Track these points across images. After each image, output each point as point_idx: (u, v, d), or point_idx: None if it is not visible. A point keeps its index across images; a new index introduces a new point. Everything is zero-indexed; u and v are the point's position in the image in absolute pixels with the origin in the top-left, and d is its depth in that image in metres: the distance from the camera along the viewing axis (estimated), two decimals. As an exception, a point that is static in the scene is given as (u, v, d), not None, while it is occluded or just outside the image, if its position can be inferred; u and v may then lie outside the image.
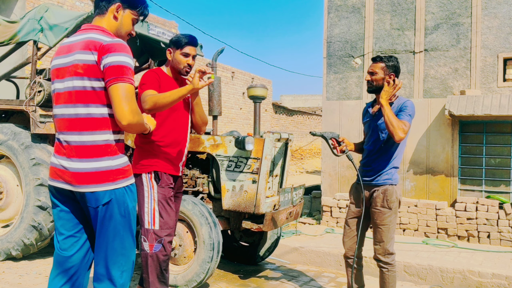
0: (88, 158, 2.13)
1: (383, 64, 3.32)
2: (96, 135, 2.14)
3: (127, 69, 2.11)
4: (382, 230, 3.31)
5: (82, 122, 2.13)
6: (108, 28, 2.25)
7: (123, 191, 2.21)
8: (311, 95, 30.88)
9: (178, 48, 3.13)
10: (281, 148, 4.39)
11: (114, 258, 2.21)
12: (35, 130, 4.41)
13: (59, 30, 4.42)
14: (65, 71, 2.17)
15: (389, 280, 3.38)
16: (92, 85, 2.11)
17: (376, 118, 3.38)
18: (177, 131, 3.20)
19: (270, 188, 4.22)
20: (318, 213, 7.59)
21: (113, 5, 2.26)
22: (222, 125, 15.12)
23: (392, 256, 3.35)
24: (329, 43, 7.35)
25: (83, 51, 2.12)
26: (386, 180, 3.31)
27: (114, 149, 2.18)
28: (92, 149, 2.14)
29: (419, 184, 6.65)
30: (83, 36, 2.18)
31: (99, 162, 2.14)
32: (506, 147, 6.21)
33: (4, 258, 4.52)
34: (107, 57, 2.08)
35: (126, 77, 2.10)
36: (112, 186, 2.16)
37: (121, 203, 2.20)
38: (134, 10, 2.32)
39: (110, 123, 2.16)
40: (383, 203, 3.29)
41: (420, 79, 6.73)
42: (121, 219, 2.21)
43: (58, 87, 2.21)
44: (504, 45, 6.23)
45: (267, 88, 4.34)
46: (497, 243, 5.88)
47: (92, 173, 2.12)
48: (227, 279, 4.48)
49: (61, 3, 9.22)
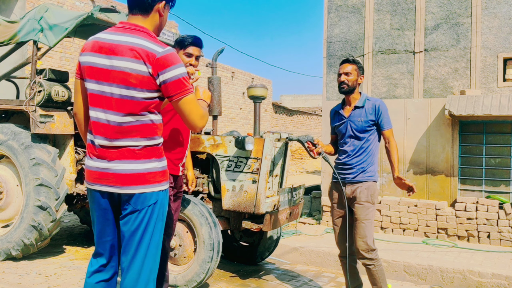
0: (139, 160, 2.13)
1: (356, 66, 3.50)
2: (147, 140, 2.14)
3: (185, 79, 2.12)
4: (365, 225, 3.37)
5: (134, 128, 2.11)
6: (151, 28, 2.19)
7: (165, 194, 2.22)
8: (311, 95, 30.89)
9: (181, 48, 3.18)
10: (281, 148, 4.38)
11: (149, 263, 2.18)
12: (35, 130, 4.40)
13: (59, 30, 4.42)
14: (109, 74, 2.09)
15: (378, 275, 3.40)
16: (144, 96, 2.09)
17: (352, 120, 3.49)
18: (179, 131, 3.22)
19: (270, 188, 4.21)
20: (318, 213, 7.59)
21: (159, 3, 2.17)
22: (222, 125, 15.12)
23: (375, 252, 3.39)
24: (329, 43, 7.35)
25: (135, 60, 2.06)
26: (369, 177, 3.45)
27: (160, 152, 2.21)
28: (142, 151, 2.14)
29: (419, 184, 6.64)
30: (129, 40, 2.09)
31: (147, 163, 2.14)
32: (506, 147, 6.21)
33: (4, 258, 4.52)
34: (165, 72, 2.06)
35: (187, 89, 2.12)
36: (159, 187, 2.17)
37: (163, 205, 2.21)
38: (171, 3, 2.28)
39: (157, 128, 2.17)
40: (367, 198, 3.41)
41: (420, 79, 6.73)
42: (161, 222, 2.21)
43: (95, 88, 2.13)
44: (504, 45, 6.23)
45: (267, 88, 4.34)
46: (497, 243, 5.88)
47: (142, 174, 2.13)
48: (227, 279, 4.48)
49: (61, 3, 9.22)
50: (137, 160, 2.11)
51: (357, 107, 3.49)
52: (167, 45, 2.14)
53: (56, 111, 4.58)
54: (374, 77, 7.03)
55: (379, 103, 3.45)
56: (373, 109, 3.43)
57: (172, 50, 2.13)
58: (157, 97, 2.13)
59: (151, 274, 2.19)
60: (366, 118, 3.43)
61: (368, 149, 3.46)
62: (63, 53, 9.50)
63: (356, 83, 3.48)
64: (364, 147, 3.45)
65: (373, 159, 3.48)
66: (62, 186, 4.47)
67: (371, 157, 3.46)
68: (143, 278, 2.16)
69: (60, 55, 9.44)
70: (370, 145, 3.46)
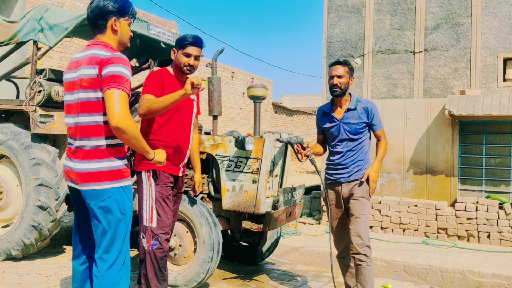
0: (91, 159, 2.38)
1: (347, 68, 3.47)
2: (99, 140, 2.39)
3: (123, 78, 2.33)
4: (361, 219, 3.37)
5: (87, 128, 2.39)
6: (111, 41, 2.50)
7: (121, 190, 2.44)
8: (311, 95, 30.89)
9: (180, 48, 3.16)
10: (281, 148, 4.38)
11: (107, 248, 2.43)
12: (35, 130, 4.40)
13: (59, 30, 4.41)
14: (74, 84, 2.43)
15: (368, 275, 3.34)
16: (96, 95, 2.36)
17: (345, 122, 3.49)
18: (180, 132, 3.22)
19: (270, 188, 4.21)
20: (318, 213, 7.59)
21: (109, 21, 2.47)
22: (222, 125, 15.12)
23: (369, 250, 3.37)
24: (329, 43, 7.36)
25: (87, 66, 2.36)
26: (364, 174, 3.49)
27: (115, 152, 2.43)
28: (95, 152, 2.39)
29: (419, 184, 6.65)
30: (88, 52, 2.41)
31: (101, 163, 2.39)
32: (506, 147, 6.21)
33: (4, 258, 4.52)
34: (106, 68, 2.32)
35: (121, 85, 2.31)
36: (111, 185, 2.40)
37: (119, 201, 2.43)
38: (126, 16, 2.53)
39: (110, 129, 2.37)
40: (363, 193, 3.42)
41: (420, 79, 6.73)
42: (121, 215, 2.44)
43: (68, 99, 2.49)
44: (504, 45, 6.23)
45: (267, 88, 4.34)
46: (497, 243, 5.88)
47: (94, 173, 2.38)
48: (227, 279, 4.48)
49: (61, 3, 9.22)
50: (90, 160, 2.38)
51: (350, 109, 3.48)
52: (122, 54, 2.42)
53: (56, 111, 4.58)
54: (374, 77, 7.03)
55: (371, 105, 3.49)
56: (365, 110, 3.46)
57: (121, 55, 2.39)
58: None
59: (114, 265, 2.42)
60: (359, 120, 3.45)
61: (362, 149, 3.49)
62: (63, 53, 9.51)
63: (348, 86, 3.47)
64: (358, 147, 3.48)
65: (367, 157, 3.53)
66: (62, 186, 4.47)
67: (364, 155, 3.50)
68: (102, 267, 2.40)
69: (60, 55, 9.44)
70: (363, 144, 3.50)
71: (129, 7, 2.54)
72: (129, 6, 2.54)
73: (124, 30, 2.53)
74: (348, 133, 3.47)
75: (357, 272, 3.37)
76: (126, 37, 2.57)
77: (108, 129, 2.37)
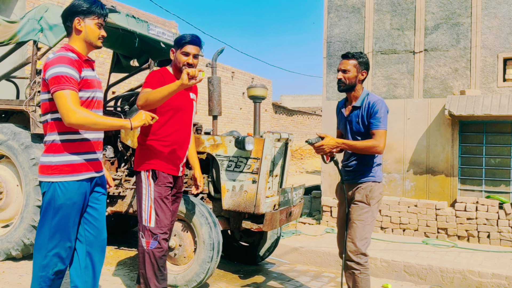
0: (43, 153, 2.63)
1: (355, 61, 3.22)
2: (47, 136, 2.60)
3: (62, 77, 2.45)
4: (356, 225, 3.17)
5: (44, 126, 2.63)
6: (76, 43, 2.61)
7: (54, 186, 2.57)
8: (311, 95, 30.90)
9: (179, 48, 3.15)
10: (281, 148, 4.38)
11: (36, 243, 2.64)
12: (35, 130, 4.40)
13: (59, 30, 4.41)
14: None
15: (361, 284, 3.15)
16: (45, 97, 2.56)
17: (350, 121, 3.31)
18: (180, 131, 3.22)
19: (270, 188, 4.21)
20: (318, 213, 7.59)
21: (73, 21, 2.59)
22: (222, 125, 15.12)
23: (365, 258, 3.16)
24: (329, 43, 7.36)
25: (42, 71, 2.55)
26: (369, 177, 3.25)
27: (58, 148, 2.57)
28: (44, 147, 2.63)
29: (419, 184, 6.65)
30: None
31: (45, 157, 2.59)
32: (506, 147, 6.21)
33: (4, 258, 4.52)
34: (46, 72, 2.48)
35: (60, 86, 2.45)
36: (48, 179, 2.57)
37: (52, 196, 2.57)
38: (92, 15, 2.59)
39: (55, 126, 2.57)
40: (362, 198, 3.22)
41: (420, 79, 6.73)
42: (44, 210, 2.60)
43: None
44: (504, 45, 6.23)
45: (267, 88, 4.34)
46: (497, 243, 5.88)
47: (40, 166, 2.60)
48: (227, 279, 4.48)
49: (61, 3, 9.22)
50: (43, 154, 2.60)
51: (355, 107, 3.27)
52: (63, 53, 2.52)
53: (56, 111, 4.58)
54: (374, 77, 7.03)
55: (374, 101, 3.17)
56: (368, 107, 3.18)
57: (60, 55, 2.50)
58: (49, 98, 2.53)
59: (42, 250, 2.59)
60: (362, 119, 3.22)
61: None
62: (63, 53, 9.49)
63: (356, 80, 3.22)
64: None
65: (376, 159, 3.27)
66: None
67: (373, 157, 3.26)
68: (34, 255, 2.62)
69: (60, 55, 9.42)
70: None
71: (94, 6, 2.58)
72: (94, 5, 2.58)
73: (89, 30, 2.59)
74: (353, 132, 3.27)
75: (351, 280, 3.21)
76: (92, 36, 2.60)
77: (53, 126, 2.57)
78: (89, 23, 2.59)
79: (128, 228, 6.18)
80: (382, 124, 3.14)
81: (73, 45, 2.60)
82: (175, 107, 3.15)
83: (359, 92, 3.29)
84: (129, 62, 5.88)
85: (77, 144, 2.60)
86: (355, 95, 3.29)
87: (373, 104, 3.17)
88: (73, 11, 2.58)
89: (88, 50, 2.66)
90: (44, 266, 2.59)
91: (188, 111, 3.28)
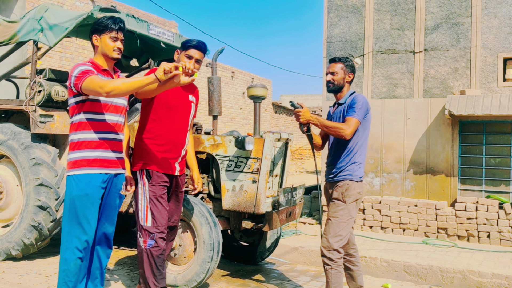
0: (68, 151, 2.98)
1: (342, 65, 3.47)
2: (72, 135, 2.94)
3: (84, 71, 2.80)
4: (331, 222, 3.30)
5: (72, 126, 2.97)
6: (97, 56, 3.00)
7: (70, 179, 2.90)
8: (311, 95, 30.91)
9: (183, 50, 3.22)
10: (281, 148, 4.38)
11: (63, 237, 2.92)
12: (35, 130, 4.40)
13: (59, 30, 4.41)
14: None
15: (331, 279, 3.23)
16: (71, 101, 2.92)
17: (333, 117, 3.51)
18: (174, 131, 3.24)
19: (270, 188, 4.21)
20: (318, 213, 7.59)
21: (92, 39, 2.98)
22: (222, 125, 15.12)
23: (337, 254, 3.24)
24: (329, 43, 7.36)
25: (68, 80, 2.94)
26: (346, 176, 3.35)
27: (75, 145, 2.91)
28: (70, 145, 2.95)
29: (419, 184, 6.65)
30: None
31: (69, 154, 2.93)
32: (506, 147, 6.21)
33: (4, 258, 4.52)
34: (71, 78, 2.84)
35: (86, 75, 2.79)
36: (67, 173, 2.92)
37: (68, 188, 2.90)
38: (106, 31, 2.93)
39: (76, 127, 2.91)
40: (338, 196, 3.34)
41: (420, 79, 6.73)
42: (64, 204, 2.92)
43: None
44: (504, 45, 6.23)
45: (267, 88, 4.34)
46: (497, 243, 5.89)
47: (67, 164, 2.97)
48: (227, 279, 4.48)
49: (61, 3, 9.22)
50: (68, 152, 2.95)
51: (339, 104, 3.47)
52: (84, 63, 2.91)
53: (56, 111, 4.58)
54: (374, 77, 7.03)
55: (356, 96, 3.37)
56: (350, 102, 3.36)
57: (79, 63, 2.89)
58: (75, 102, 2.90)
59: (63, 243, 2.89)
60: (343, 113, 3.37)
61: (345, 147, 3.35)
62: (63, 53, 9.50)
63: (343, 82, 3.46)
64: (340, 145, 3.37)
65: (354, 157, 3.35)
66: (62, 186, 4.47)
67: (351, 156, 3.34)
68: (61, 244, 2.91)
69: (60, 55, 9.44)
70: (348, 142, 3.34)
71: (107, 24, 2.92)
72: (107, 22, 2.92)
73: (104, 44, 2.94)
74: None
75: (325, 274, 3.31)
76: (106, 49, 2.95)
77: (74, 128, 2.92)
78: (104, 38, 2.94)
79: (128, 228, 6.18)
80: (356, 114, 3.29)
81: (93, 59, 2.98)
82: (170, 106, 3.19)
83: (345, 93, 3.52)
84: (129, 62, 5.88)
85: (97, 142, 2.90)
86: (342, 95, 3.52)
87: (354, 98, 3.38)
88: (92, 30, 2.98)
89: (107, 62, 3.00)
90: (65, 259, 2.86)
91: (185, 111, 3.31)
